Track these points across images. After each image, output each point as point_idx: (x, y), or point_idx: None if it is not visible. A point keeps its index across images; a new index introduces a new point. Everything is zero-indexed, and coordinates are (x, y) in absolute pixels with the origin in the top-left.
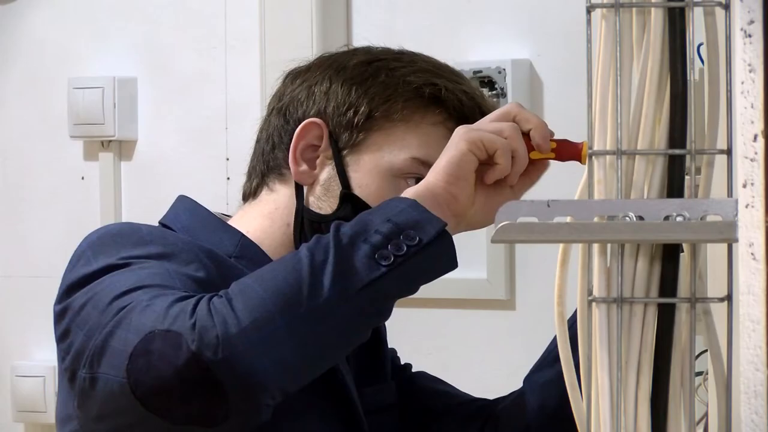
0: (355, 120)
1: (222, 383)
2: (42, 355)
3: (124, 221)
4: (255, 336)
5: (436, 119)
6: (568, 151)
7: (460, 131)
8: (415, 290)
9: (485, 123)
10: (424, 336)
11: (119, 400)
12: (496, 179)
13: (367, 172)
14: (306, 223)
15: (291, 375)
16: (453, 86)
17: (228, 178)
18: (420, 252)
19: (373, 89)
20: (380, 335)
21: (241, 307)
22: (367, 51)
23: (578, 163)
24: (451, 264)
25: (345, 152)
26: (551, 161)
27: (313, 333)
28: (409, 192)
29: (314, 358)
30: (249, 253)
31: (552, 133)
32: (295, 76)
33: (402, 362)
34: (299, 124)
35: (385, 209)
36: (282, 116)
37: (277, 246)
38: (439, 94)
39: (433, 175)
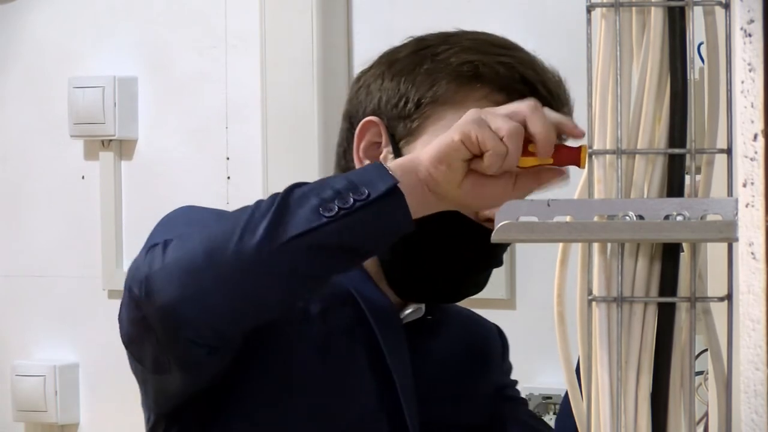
0: (406, 110)
1: (148, 318)
2: (42, 355)
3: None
4: (175, 272)
5: (479, 95)
6: (566, 155)
7: (468, 115)
8: (362, 247)
9: (497, 113)
10: None
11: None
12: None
13: None
14: None
15: (214, 314)
16: (489, 59)
17: (228, 178)
18: (366, 206)
19: (419, 78)
20: (487, 363)
21: (172, 248)
22: (419, 40)
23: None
24: (402, 223)
25: (401, 143)
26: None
27: (236, 274)
28: (395, 162)
29: (239, 299)
30: None
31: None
32: (358, 78)
33: (517, 394)
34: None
35: (353, 171)
36: (347, 120)
37: None
38: (477, 71)
39: (423, 153)
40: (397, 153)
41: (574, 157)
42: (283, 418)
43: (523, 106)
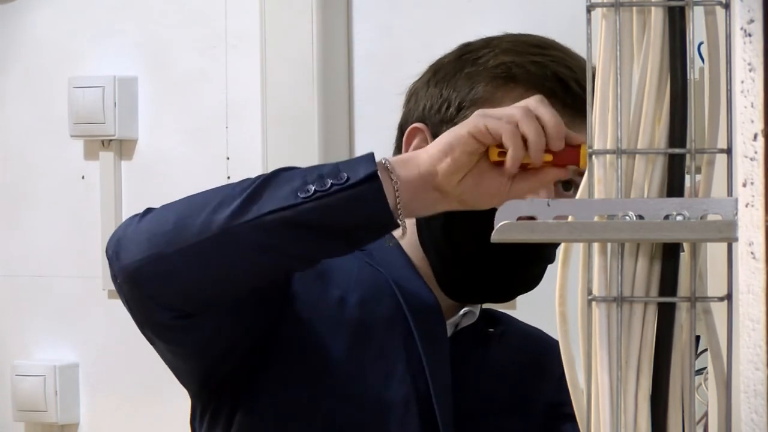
0: (448, 114)
1: (117, 277)
2: (42, 355)
3: None
4: (143, 235)
5: (515, 94)
6: (565, 155)
7: (474, 113)
8: (332, 228)
9: (503, 108)
10: None
11: None
12: (514, 164)
13: None
14: (423, 223)
15: (175, 279)
16: (523, 59)
17: (228, 177)
18: (342, 190)
19: (460, 82)
20: (543, 378)
21: (150, 215)
22: (463, 45)
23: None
24: (378, 211)
25: None
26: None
27: (200, 243)
28: (398, 156)
29: (202, 267)
30: (381, 251)
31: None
32: (409, 88)
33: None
34: None
35: (350, 159)
36: (399, 129)
37: (407, 245)
38: (510, 71)
39: (428, 147)
40: None
41: (574, 156)
42: (312, 402)
43: (525, 102)
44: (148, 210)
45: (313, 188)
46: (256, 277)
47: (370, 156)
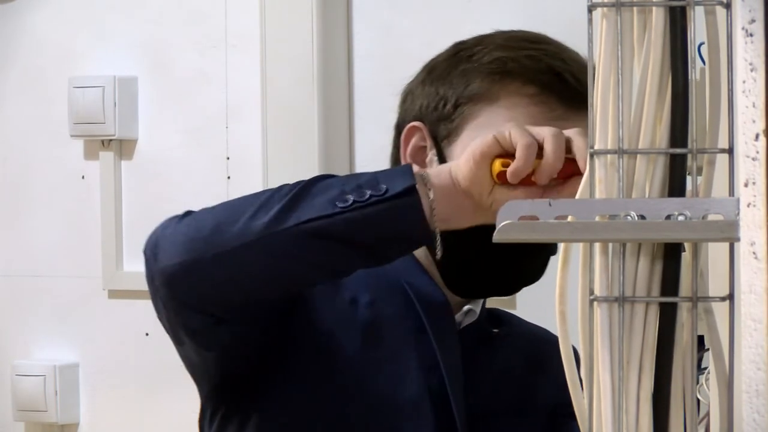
0: (445, 111)
1: (154, 280)
2: (42, 355)
3: None
4: (180, 238)
5: (511, 89)
6: (566, 168)
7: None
8: (368, 242)
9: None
10: None
11: None
12: (517, 176)
13: None
14: None
15: (212, 283)
16: (517, 54)
17: (228, 177)
18: (380, 202)
19: (455, 79)
20: (548, 379)
21: (189, 218)
22: (457, 44)
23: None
24: (415, 226)
25: (443, 144)
26: None
27: (236, 249)
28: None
29: (237, 274)
30: None
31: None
32: (404, 88)
33: None
34: None
35: (387, 169)
36: (396, 129)
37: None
38: (505, 66)
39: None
40: (440, 154)
41: (576, 168)
42: (326, 402)
43: (569, 130)
44: (188, 212)
45: (351, 198)
46: (289, 284)
47: (408, 168)
